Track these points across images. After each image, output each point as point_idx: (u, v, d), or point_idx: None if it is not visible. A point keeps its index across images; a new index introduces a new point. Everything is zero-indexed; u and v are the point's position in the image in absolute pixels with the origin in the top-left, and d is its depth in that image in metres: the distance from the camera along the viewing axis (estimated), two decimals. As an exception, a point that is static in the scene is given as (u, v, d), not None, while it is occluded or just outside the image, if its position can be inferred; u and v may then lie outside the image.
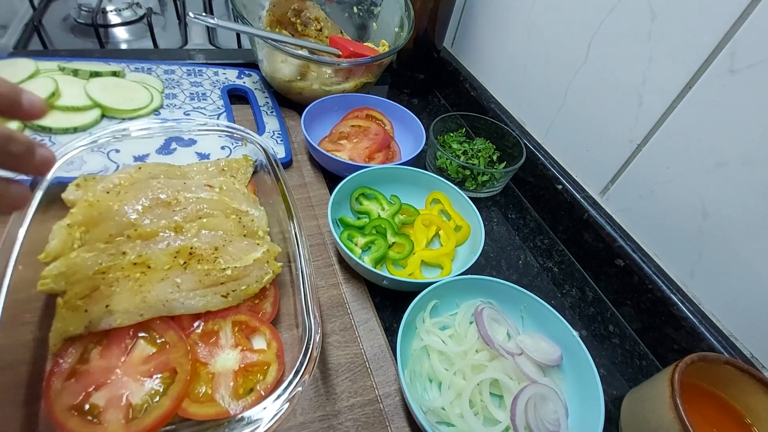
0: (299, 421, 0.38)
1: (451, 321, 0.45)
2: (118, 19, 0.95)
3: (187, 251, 0.40)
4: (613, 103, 0.55)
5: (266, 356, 0.38)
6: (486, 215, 0.65)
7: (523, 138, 0.68)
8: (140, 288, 0.37)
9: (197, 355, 0.37)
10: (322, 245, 0.53)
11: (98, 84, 0.60)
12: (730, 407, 0.40)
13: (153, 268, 0.39)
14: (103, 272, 0.37)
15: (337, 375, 0.41)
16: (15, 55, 0.63)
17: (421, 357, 0.43)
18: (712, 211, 0.46)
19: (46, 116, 0.54)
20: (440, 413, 0.39)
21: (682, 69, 0.46)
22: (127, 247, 0.40)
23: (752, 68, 0.40)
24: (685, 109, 0.47)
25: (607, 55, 0.55)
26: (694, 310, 0.47)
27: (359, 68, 0.71)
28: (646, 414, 0.38)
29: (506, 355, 0.41)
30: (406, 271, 0.52)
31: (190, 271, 0.40)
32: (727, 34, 0.42)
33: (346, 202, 0.57)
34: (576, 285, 0.57)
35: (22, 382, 0.33)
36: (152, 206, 0.43)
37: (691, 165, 0.47)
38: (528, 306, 0.46)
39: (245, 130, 0.52)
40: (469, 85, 0.81)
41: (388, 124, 0.72)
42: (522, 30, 0.69)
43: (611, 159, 0.56)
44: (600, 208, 0.57)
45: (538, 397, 0.39)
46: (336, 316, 0.46)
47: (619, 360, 0.50)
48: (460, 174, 0.63)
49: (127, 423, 0.32)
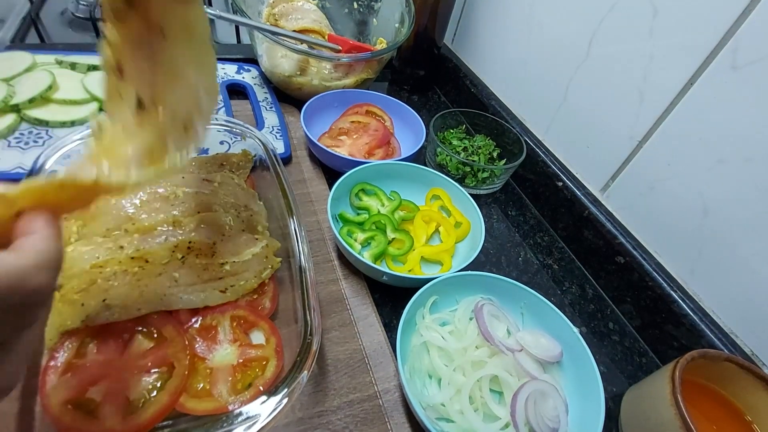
0: (298, 416, 0.37)
1: (451, 317, 0.45)
2: (117, 14, 0.94)
3: (186, 246, 0.40)
4: (614, 100, 0.55)
5: (265, 351, 0.38)
6: (486, 212, 0.65)
7: (524, 135, 0.67)
8: (138, 282, 0.37)
9: (195, 350, 0.37)
10: (321, 241, 0.53)
11: (96, 78, 0.60)
12: (730, 404, 0.40)
13: (151, 262, 0.38)
14: (100, 266, 0.37)
15: (336, 371, 0.41)
16: (12, 49, 0.62)
17: (420, 353, 0.43)
18: (712, 208, 0.46)
19: (44, 109, 0.54)
20: (440, 409, 0.38)
21: (684, 66, 0.46)
22: (125, 241, 0.39)
23: (755, 65, 0.40)
24: (687, 106, 0.47)
25: (608, 52, 0.55)
26: (694, 307, 0.47)
27: (359, 64, 0.71)
28: (646, 411, 0.38)
29: (506, 352, 0.41)
30: (405, 267, 0.51)
31: (189, 265, 0.39)
32: (729, 31, 0.42)
33: (346, 198, 0.57)
34: (576, 282, 0.57)
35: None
36: (150, 200, 0.43)
37: (692, 162, 0.47)
38: (528, 303, 0.46)
39: (244, 125, 0.52)
40: (470, 81, 0.80)
41: (388, 121, 0.71)
42: (523, 27, 0.68)
43: (612, 156, 0.56)
44: (600, 206, 0.57)
45: (538, 394, 0.39)
46: (335, 312, 0.46)
47: (619, 357, 0.50)
48: (461, 170, 0.63)
49: (124, 418, 0.32)
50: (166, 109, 0.31)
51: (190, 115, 0.33)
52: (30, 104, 0.53)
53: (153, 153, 0.29)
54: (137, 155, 0.28)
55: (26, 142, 0.52)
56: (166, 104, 0.31)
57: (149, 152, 0.29)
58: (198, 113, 0.34)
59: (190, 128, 0.32)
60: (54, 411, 0.31)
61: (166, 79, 0.31)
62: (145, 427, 0.32)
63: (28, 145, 0.51)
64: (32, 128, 0.53)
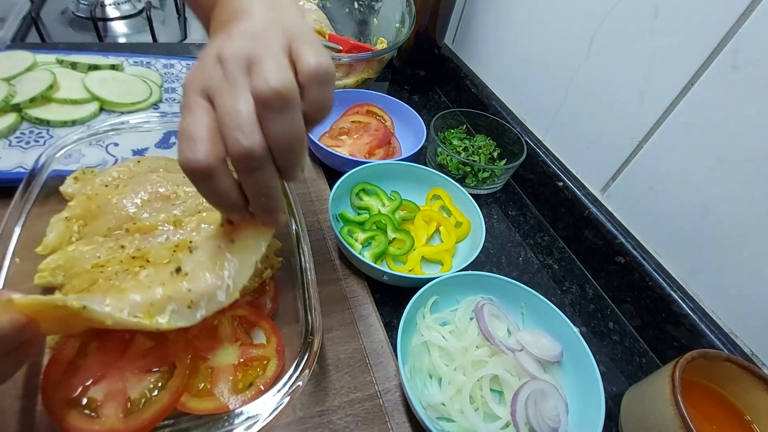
0: (298, 416, 0.38)
1: (452, 317, 0.45)
2: (117, 13, 0.94)
3: (186, 245, 0.40)
4: (615, 100, 0.55)
5: (266, 351, 0.38)
6: (486, 212, 0.65)
7: (524, 135, 0.67)
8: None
9: (196, 349, 0.37)
10: (322, 240, 0.53)
11: (97, 77, 0.60)
12: (730, 404, 0.40)
13: (152, 261, 0.38)
14: (101, 266, 0.37)
15: (336, 370, 0.41)
16: (13, 48, 0.62)
17: (421, 353, 0.43)
18: (713, 208, 0.46)
19: (45, 109, 0.54)
20: (440, 409, 0.39)
21: (685, 66, 0.46)
22: (126, 240, 0.39)
23: (755, 65, 0.40)
24: (687, 106, 0.47)
25: (609, 52, 0.55)
26: (694, 308, 0.47)
27: (360, 64, 0.71)
28: (646, 410, 0.38)
29: (507, 351, 0.41)
30: (406, 267, 0.51)
31: (190, 265, 0.39)
32: (730, 31, 0.42)
33: (347, 198, 0.57)
34: (576, 282, 0.57)
35: (19, 375, 0.32)
36: (151, 200, 0.43)
37: (693, 162, 0.47)
38: (528, 302, 0.46)
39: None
40: (470, 81, 0.80)
41: (389, 120, 0.71)
42: (523, 27, 0.69)
43: (612, 156, 0.56)
44: (601, 206, 0.57)
45: (538, 393, 0.39)
46: (336, 312, 0.46)
47: (619, 357, 0.50)
48: (461, 170, 0.63)
49: (125, 417, 0.32)
50: (193, 287, 0.31)
51: (201, 300, 0.32)
52: (31, 104, 0.53)
53: (152, 306, 0.30)
54: (140, 304, 0.30)
55: (27, 141, 0.52)
56: (198, 283, 0.31)
57: (150, 305, 0.30)
58: (210, 302, 0.33)
59: (194, 307, 0.32)
60: (55, 410, 0.31)
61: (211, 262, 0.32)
62: (147, 427, 0.32)
63: (29, 145, 0.51)
64: (33, 128, 0.53)
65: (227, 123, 0.25)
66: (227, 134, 0.25)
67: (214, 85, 0.26)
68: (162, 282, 0.30)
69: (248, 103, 0.25)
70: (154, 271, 0.32)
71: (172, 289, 0.30)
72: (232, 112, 0.25)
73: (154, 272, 0.31)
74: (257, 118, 0.25)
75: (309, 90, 0.26)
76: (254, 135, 0.25)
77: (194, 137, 0.25)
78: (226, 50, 0.26)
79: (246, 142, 0.25)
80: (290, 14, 0.30)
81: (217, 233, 0.33)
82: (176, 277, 0.31)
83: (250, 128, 0.25)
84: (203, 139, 0.25)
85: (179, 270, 0.31)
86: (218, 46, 0.26)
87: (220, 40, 0.27)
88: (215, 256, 0.32)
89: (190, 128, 0.25)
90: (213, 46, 0.27)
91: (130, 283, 0.30)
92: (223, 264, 0.32)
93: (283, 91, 0.24)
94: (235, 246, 0.33)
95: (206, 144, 0.25)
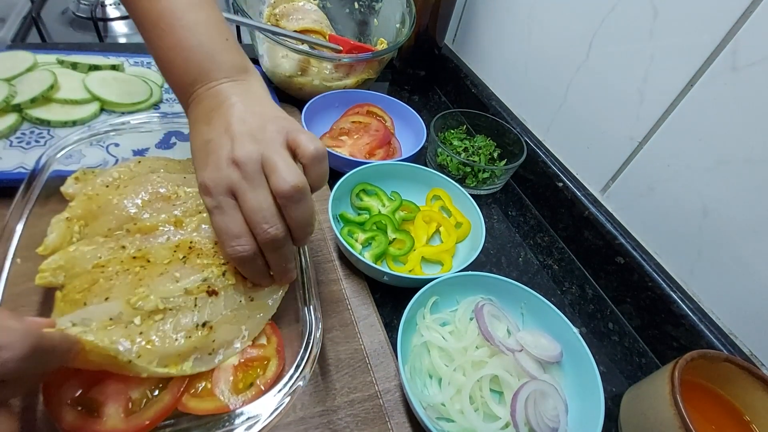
0: (299, 416, 0.38)
1: (452, 317, 0.45)
2: (117, 13, 0.94)
3: (187, 245, 0.40)
4: (615, 101, 0.55)
5: (266, 351, 0.38)
6: (486, 212, 0.65)
7: (524, 135, 0.68)
8: (139, 282, 0.37)
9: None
10: (322, 241, 0.53)
11: (97, 77, 0.60)
12: (729, 404, 0.40)
13: (152, 262, 0.38)
14: (102, 266, 0.37)
15: (337, 370, 0.41)
16: (13, 48, 0.62)
17: (421, 353, 0.43)
18: (712, 209, 0.46)
19: (46, 109, 0.55)
20: (440, 409, 0.39)
21: (684, 67, 0.46)
22: (127, 241, 0.39)
23: (755, 66, 0.40)
24: (687, 106, 0.47)
25: (608, 53, 0.55)
26: (693, 308, 0.47)
27: (360, 64, 0.71)
28: (645, 411, 0.39)
29: (506, 352, 0.41)
30: (406, 267, 0.51)
31: (190, 265, 0.39)
32: (729, 32, 0.42)
33: (347, 198, 0.57)
34: (576, 282, 0.57)
35: (21, 375, 0.32)
36: (152, 200, 0.43)
37: (693, 163, 0.47)
38: (528, 303, 0.46)
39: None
40: (470, 82, 0.80)
41: (389, 121, 0.71)
42: (523, 27, 0.69)
43: (612, 157, 0.56)
44: (600, 206, 0.57)
45: (538, 394, 0.39)
46: (336, 312, 0.46)
47: (618, 357, 0.50)
48: (461, 171, 0.63)
49: (126, 417, 0.32)
50: (216, 338, 0.35)
51: (221, 348, 0.36)
52: (32, 104, 0.54)
53: (179, 357, 0.33)
54: (170, 356, 0.33)
55: (28, 141, 0.52)
56: (220, 335, 0.35)
57: (177, 355, 0.33)
58: (228, 349, 0.36)
59: (214, 354, 0.35)
60: (56, 410, 0.31)
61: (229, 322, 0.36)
62: (148, 427, 0.32)
63: (30, 145, 0.51)
64: (34, 128, 0.53)
65: (255, 219, 0.32)
66: (256, 227, 0.32)
67: (236, 186, 0.32)
68: (188, 335, 0.33)
69: (268, 199, 0.32)
70: (175, 319, 0.34)
71: (198, 341, 0.34)
72: (258, 209, 0.31)
73: (177, 321, 0.34)
74: (278, 208, 0.32)
75: (312, 169, 0.34)
76: (278, 225, 0.32)
77: (237, 234, 0.32)
78: (239, 154, 0.31)
79: (273, 231, 0.32)
80: (266, 102, 0.37)
81: (237, 286, 0.37)
82: (202, 330, 0.34)
83: (274, 220, 0.32)
84: (244, 234, 0.32)
85: (205, 324, 0.35)
86: (229, 150, 0.32)
87: (224, 142, 0.33)
88: (236, 311, 0.36)
89: (230, 227, 0.32)
90: (222, 148, 0.33)
91: (159, 334, 0.33)
92: (243, 320, 0.37)
93: (300, 186, 0.31)
94: (254, 304, 0.37)
95: (247, 238, 0.32)
